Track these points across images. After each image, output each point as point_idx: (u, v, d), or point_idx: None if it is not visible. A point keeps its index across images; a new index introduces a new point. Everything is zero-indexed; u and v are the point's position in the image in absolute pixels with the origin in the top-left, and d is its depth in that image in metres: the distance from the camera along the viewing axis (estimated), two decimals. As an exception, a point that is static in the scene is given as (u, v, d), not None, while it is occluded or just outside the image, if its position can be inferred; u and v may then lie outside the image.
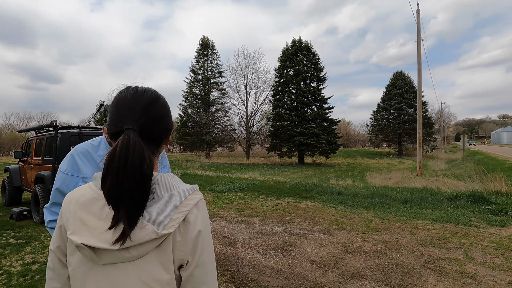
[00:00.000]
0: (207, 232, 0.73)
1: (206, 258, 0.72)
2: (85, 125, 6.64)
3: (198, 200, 0.73)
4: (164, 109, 0.79)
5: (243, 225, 5.24)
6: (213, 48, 36.53)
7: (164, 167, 1.77)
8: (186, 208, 0.70)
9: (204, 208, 0.75)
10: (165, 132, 0.79)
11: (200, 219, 0.72)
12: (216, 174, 14.34)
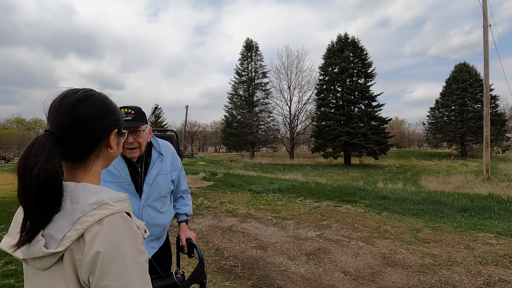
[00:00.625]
0: (115, 253, 0.64)
1: (110, 282, 0.63)
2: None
3: (103, 216, 0.65)
4: (93, 110, 0.73)
5: (277, 227, 5.12)
6: (256, 49, 36.93)
7: (174, 169, 1.76)
8: (83, 225, 0.63)
9: (117, 224, 0.66)
10: (95, 135, 0.74)
11: (100, 238, 0.63)
12: (258, 174, 14.41)
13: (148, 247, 1.63)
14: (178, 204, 1.87)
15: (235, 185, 10.45)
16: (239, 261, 3.70)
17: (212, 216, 6.01)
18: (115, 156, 0.85)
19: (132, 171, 1.58)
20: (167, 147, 1.74)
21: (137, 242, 0.69)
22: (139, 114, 1.51)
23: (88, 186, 0.73)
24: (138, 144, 1.51)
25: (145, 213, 1.58)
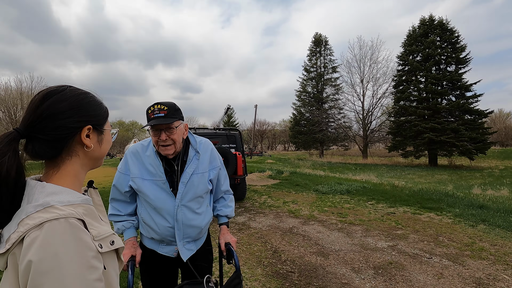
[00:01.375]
0: (53, 263, 0.56)
1: None
2: (201, 127, 7.55)
3: (44, 220, 0.59)
4: (56, 106, 0.68)
5: (342, 233, 4.67)
6: (326, 44, 35.47)
7: (213, 168, 1.65)
8: (23, 228, 0.59)
9: (57, 231, 0.59)
10: (59, 132, 0.68)
11: (37, 246, 0.56)
12: (325, 173, 13.74)
13: (184, 249, 1.56)
14: (219, 206, 1.77)
15: (300, 184, 10.14)
16: (296, 267, 3.46)
17: (273, 216, 5.89)
18: (98, 155, 0.78)
19: (169, 169, 1.53)
20: (206, 145, 1.65)
21: (85, 255, 0.61)
22: (172, 110, 1.43)
23: (46, 186, 0.66)
24: (172, 141, 1.44)
25: (180, 213, 1.51)
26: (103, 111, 0.80)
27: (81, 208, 0.67)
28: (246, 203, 7.22)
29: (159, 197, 1.48)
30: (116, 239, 0.75)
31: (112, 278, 0.72)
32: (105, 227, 0.73)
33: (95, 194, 0.91)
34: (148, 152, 1.53)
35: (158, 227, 1.53)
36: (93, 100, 0.76)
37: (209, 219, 1.65)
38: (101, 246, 0.67)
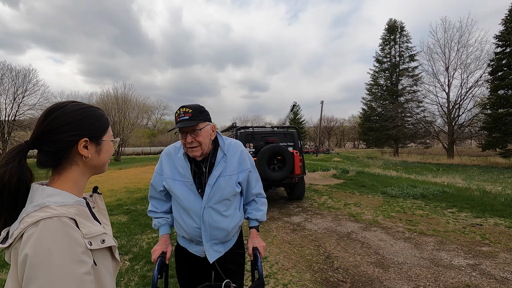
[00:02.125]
0: (45, 257, 0.63)
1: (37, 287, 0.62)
2: (261, 125, 7.63)
3: (40, 218, 0.66)
4: (56, 122, 0.77)
5: (409, 244, 4.13)
6: (402, 30, 31.96)
7: (242, 171, 1.61)
8: (23, 225, 0.66)
9: (50, 228, 0.65)
10: (59, 145, 0.77)
11: (32, 241, 0.63)
12: (398, 174, 12.42)
13: (212, 250, 1.57)
14: (250, 208, 1.73)
15: (366, 186, 9.40)
16: (349, 276, 3.20)
17: (331, 218, 5.59)
18: (97, 163, 0.87)
19: (198, 170, 1.55)
20: (235, 147, 1.62)
21: (75, 251, 0.67)
22: (197, 113, 1.45)
23: (46, 189, 0.75)
24: (198, 143, 1.46)
25: (206, 214, 1.52)
26: (101, 124, 0.87)
27: (74, 209, 0.74)
28: (304, 203, 7.03)
29: (188, 198, 1.52)
30: (107, 238, 0.79)
31: (103, 275, 0.77)
32: (96, 227, 0.78)
33: (99, 199, 0.98)
34: (179, 153, 1.58)
35: (187, 227, 1.58)
36: (91, 114, 0.84)
37: (237, 222, 1.63)
38: (91, 243, 0.72)
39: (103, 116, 0.88)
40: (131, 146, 50.54)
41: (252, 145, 6.76)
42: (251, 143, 6.77)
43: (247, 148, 6.61)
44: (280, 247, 4.12)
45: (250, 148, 6.73)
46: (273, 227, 5.15)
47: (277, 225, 5.26)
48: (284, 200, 7.57)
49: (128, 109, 42.49)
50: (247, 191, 1.70)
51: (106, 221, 0.96)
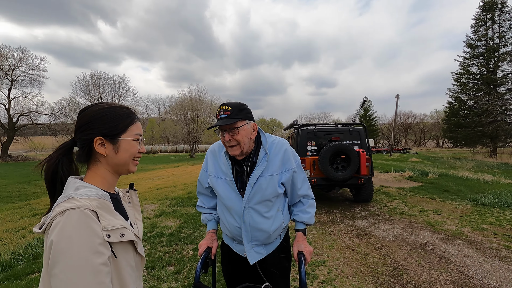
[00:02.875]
0: (66, 243, 0.68)
1: (58, 272, 0.67)
2: (324, 123, 7.31)
3: (66, 208, 0.72)
4: (82, 121, 0.86)
5: (505, 264, 3.39)
6: (503, 6, 26.63)
7: (286, 171, 1.53)
8: (53, 214, 0.73)
9: (72, 218, 0.70)
10: (82, 142, 0.85)
11: (58, 229, 0.69)
12: (495, 179, 10.39)
13: (253, 251, 1.53)
14: (296, 210, 1.63)
15: (450, 191, 8.14)
16: (421, 294, 2.78)
17: (403, 225, 4.99)
18: (116, 161, 0.89)
19: (239, 169, 1.52)
20: (278, 145, 1.54)
21: (93, 242, 0.71)
22: (236, 111, 1.40)
23: (76, 182, 0.81)
24: (236, 142, 1.42)
25: (247, 215, 1.49)
26: (118, 123, 0.88)
27: (95, 202, 0.78)
28: (372, 206, 6.47)
29: (229, 196, 1.51)
30: (127, 233, 0.81)
31: (122, 267, 0.80)
32: (117, 221, 0.80)
33: (134, 195, 1.03)
34: (222, 151, 1.58)
35: (229, 225, 1.57)
36: (108, 114, 0.87)
37: (279, 225, 1.55)
38: (109, 236, 0.76)
39: (123, 116, 0.89)
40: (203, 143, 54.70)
41: (314, 143, 6.52)
42: (313, 141, 6.53)
43: (308, 146, 6.42)
44: (340, 252, 3.86)
45: (312, 146, 6.50)
46: (335, 229, 4.86)
47: (340, 228, 4.96)
48: (349, 202, 7.10)
49: (201, 109, 45.99)
50: (292, 192, 1.61)
51: (138, 217, 1.00)
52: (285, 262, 1.64)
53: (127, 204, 0.98)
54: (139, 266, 0.91)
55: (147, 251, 3.93)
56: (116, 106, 0.90)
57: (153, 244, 4.22)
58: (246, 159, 1.51)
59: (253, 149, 1.51)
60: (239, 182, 1.51)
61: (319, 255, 3.78)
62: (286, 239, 1.67)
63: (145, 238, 4.47)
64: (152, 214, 6.13)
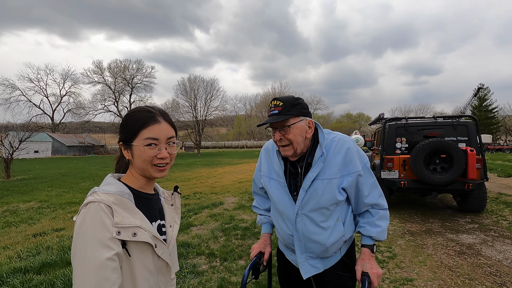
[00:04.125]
0: (83, 233, 0.72)
1: (74, 262, 0.71)
2: (419, 116, 6.27)
3: (88, 201, 0.76)
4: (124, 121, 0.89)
5: None
6: None
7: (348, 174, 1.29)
8: (81, 206, 0.77)
9: (91, 211, 0.73)
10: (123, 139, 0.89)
11: (80, 218, 0.74)
12: None
13: (307, 264, 1.35)
14: (362, 221, 1.37)
15: None
16: None
17: (532, 248, 3.82)
18: (138, 165, 0.88)
19: (293, 170, 1.36)
20: (339, 144, 1.30)
21: (103, 235, 0.72)
22: (288, 106, 1.23)
23: (108, 179, 0.87)
24: (288, 141, 1.26)
25: (300, 222, 1.32)
26: (132, 129, 0.85)
27: (113, 198, 0.78)
28: (485, 218, 5.21)
29: (281, 200, 1.36)
30: (141, 233, 0.78)
31: (136, 267, 0.78)
32: (133, 220, 0.78)
33: (177, 198, 1.01)
34: (276, 150, 1.44)
35: (281, 231, 1.44)
36: (127, 119, 0.87)
37: (338, 238, 1.32)
38: (119, 233, 0.75)
39: (137, 120, 0.85)
40: (286, 139, 55.25)
41: (405, 140, 5.65)
42: (404, 138, 5.67)
43: (397, 143, 5.62)
44: (435, 272, 3.20)
45: (402, 144, 5.65)
46: (429, 242, 4.10)
47: (436, 241, 4.15)
48: (452, 210, 5.92)
49: (284, 105, 46.44)
50: (357, 199, 1.35)
51: (177, 220, 0.97)
52: (348, 280, 1.39)
53: (170, 206, 0.99)
54: (164, 271, 0.87)
55: (222, 242, 4.13)
56: (137, 110, 0.88)
57: (228, 236, 4.41)
58: (301, 159, 1.33)
59: (309, 148, 1.32)
60: (292, 185, 1.35)
61: (405, 271, 3.23)
62: (349, 255, 1.42)
63: (222, 229, 4.72)
64: (232, 206, 6.46)
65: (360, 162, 1.32)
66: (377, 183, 1.37)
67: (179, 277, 3.05)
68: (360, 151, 1.35)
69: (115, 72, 45.69)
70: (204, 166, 18.43)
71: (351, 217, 1.39)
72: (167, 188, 1.08)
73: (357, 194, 1.33)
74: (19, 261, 3.58)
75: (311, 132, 1.30)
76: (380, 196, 1.36)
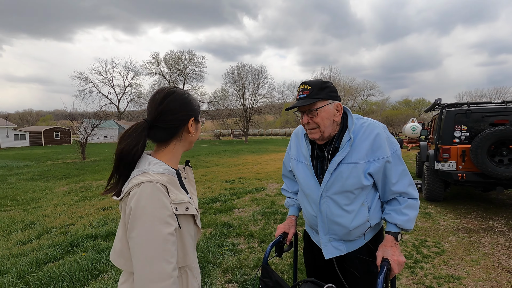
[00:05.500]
0: (141, 212, 0.79)
1: (135, 235, 0.79)
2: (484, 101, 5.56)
3: (141, 181, 0.82)
4: (175, 103, 0.93)
5: None
6: None
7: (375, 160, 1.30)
8: (129, 185, 0.83)
9: (146, 190, 0.80)
10: (175, 122, 0.93)
11: (136, 198, 0.80)
12: None
13: (330, 245, 1.40)
14: (388, 208, 1.36)
15: None
16: None
17: None
18: (194, 139, 1.01)
19: (320, 153, 1.39)
20: (368, 129, 1.30)
21: (162, 213, 0.81)
22: (316, 90, 1.26)
23: (149, 159, 0.92)
24: (315, 125, 1.29)
25: (324, 204, 1.36)
26: (198, 106, 1.02)
27: (166, 177, 0.88)
28: None
29: (308, 182, 1.41)
30: (191, 207, 0.91)
31: (185, 237, 0.91)
32: (183, 196, 0.90)
33: (189, 171, 1.12)
34: (304, 134, 1.48)
35: (307, 213, 1.50)
36: (192, 99, 0.99)
37: (361, 222, 1.33)
38: (177, 209, 0.86)
39: (196, 100, 1.02)
40: (335, 127, 53.04)
41: (466, 128, 5.08)
42: (465, 125, 5.09)
43: (456, 132, 5.09)
44: (489, 272, 2.93)
45: (462, 132, 5.09)
46: (487, 241, 3.71)
47: (496, 240, 3.74)
48: (523, 208, 5.21)
49: (334, 92, 44.54)
50: (384, 186, 1.34)
51: (193, 192, 1.09)
52: (373, 267, 1.40)
53: (184, 180, 1.08)
54: (196, 237, 1.01)
55: (261, 225, 4.31)
56: (184, 91, 1.00)
57: (268, 220, 4.57)
58: (328, 143, 1.36)
59: (337, 132, 1.35)
60: (319, 168, 1.39)
61: (453, 269, 3.01)
62: (376, 242, 1.41)
63: (263, 213, 4.90)
64: (274, 192, 6.61)
65: (390, 149, 1.30)
66: (408, 172, 1.33)
67: (219, 253, 3.31)
68: (391, 138, 1.33)
69: (170, 63, 48.60)
70: (251, 153, 18.88)
71: (379, 203, 1.38)
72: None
73: (384, 180, 1.32)
74: (91, 229, 4.22)
75: (339, 115, 1.32)
76: (410, 185, 1.33)
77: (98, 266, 3.01)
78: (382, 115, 67.02)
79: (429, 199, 5.69)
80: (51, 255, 3.30)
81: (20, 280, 2.76)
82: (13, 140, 32.62)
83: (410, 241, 3.72)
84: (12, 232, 4.20)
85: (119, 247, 0.89)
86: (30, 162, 14.23)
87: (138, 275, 0.78)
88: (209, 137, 56.39)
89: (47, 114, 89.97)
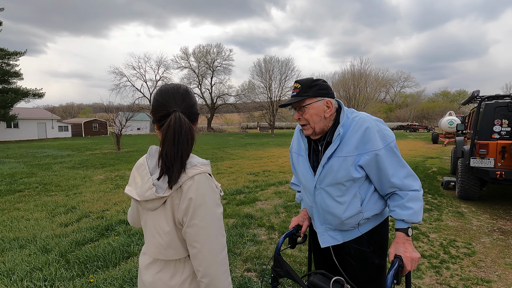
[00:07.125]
0: (201, 201, 0.89)
1: (198, 222, 0.88)
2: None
3: (195, 174, 0.90)
4: (193, 99, 1.02)
5: None
6: None
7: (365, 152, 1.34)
8: (182, 179, 0.90)
9: (202, 181, 0.90)
10: (194, 116, 1.01)
11: (193, 189, 0.89)
12: None
13: (326, 235, 1.47)
14: (392, 205, 1.36)
15: None
16: None
17: None
18: None
19: (315, 147, 1.47)
20: (358, 123, 1.33)
21: (216, 197, 0.94)
22: (305, 88, 1.34)
23: None
24: (306, 121, 1.38)
25: (318, 196, 1.43)
26: None
27: (208, 167, 0.98)
28: None
29: (305, 174, 1.48)
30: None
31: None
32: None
33: None
34: None
35: (305, 203, 1.59)
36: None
37: (354, 213, 1.37)
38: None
39: None
40: (366, 120, 51.09)
41: (507, 123, 4.70)
42: (506, 120, 4.72)
43: (496, 127, 4.74)
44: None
45: (503, 127, 4.72)
46: (526, 245, 3.46)
47: (536, 244, 3.47)
48: None
49: (364, 83, 42.89)
50: (380, 179, 1.34)
51: None
52: (373, 259, 1.43)
53: None
54: None
55: (283, 218, 4.37)
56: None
57: (289, 213, 4.61)
58: (322, 138, 1.43)
59: (331, 127, 1.40)
60: (314, 161, 1.47)
61: (483, 271, 2.86)
62: (375, 234, 1.43)
63: (285, 206, 4.95)
64: (297, 186, 6.61)
65: (383, 141, 1.30)
66: (404, 164, 1.33)
67: (240, 243, 3.42)
68: (385, 131, 1.33)
69: (199, 57, 49.52)
70: (277, 146, 18.88)
71: (375, 196, 1.40)
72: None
73: (378, 173, 1.32)
74: (123, 215, 4.54)
75: (329, 111, 1.36)
76: (408, 177, 1.32)
77: (129, 249, 3.25)
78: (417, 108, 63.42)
79: (462, 198, 5.37)
80: (89, 237, 3.62)
81: (62, 258, 3.07)
82: (57, 131, 35.43)
83: (437, 240, 3.58)
84: (56, 215, 4.64)
85: (166, 241, 0.95)
86: (71, 152, 15.43)
87: (207, 249, 0.89)
88: (236, 129, 57.09)
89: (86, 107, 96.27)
